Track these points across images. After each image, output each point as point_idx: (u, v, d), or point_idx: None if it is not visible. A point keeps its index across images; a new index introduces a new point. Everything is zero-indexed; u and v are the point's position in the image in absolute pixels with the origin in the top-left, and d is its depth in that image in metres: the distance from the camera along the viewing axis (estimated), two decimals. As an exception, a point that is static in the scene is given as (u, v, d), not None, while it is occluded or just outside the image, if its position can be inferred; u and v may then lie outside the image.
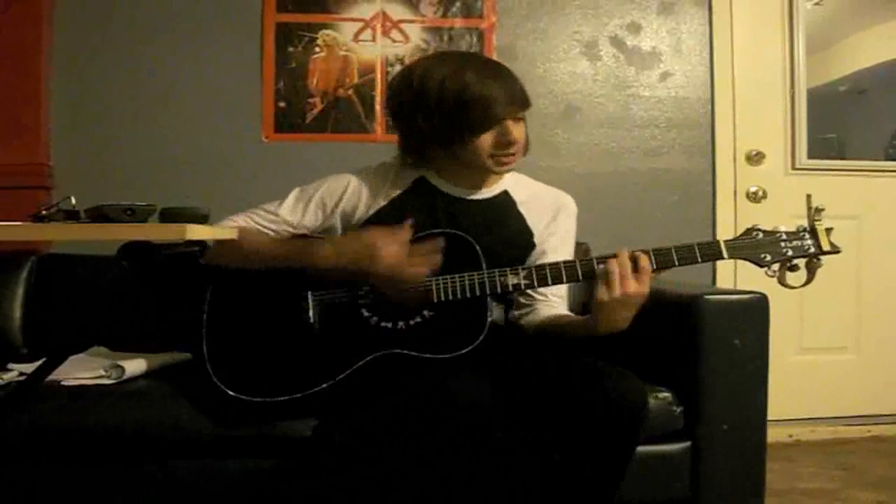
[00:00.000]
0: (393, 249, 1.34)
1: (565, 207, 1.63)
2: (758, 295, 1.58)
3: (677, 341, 1.59)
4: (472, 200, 1.56)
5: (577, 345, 1.45)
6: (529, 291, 1.56)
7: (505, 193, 1.59)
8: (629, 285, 1.30)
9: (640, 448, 1.34)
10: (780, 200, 2.63)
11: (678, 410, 1.55)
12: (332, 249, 1.39)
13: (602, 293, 1.30)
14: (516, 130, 1.46)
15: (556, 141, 2.55)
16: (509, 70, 1.52)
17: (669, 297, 1.63)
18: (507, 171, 1.53)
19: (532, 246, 1.57)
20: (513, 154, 1.47)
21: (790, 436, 2.63)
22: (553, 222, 1.60)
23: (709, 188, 2.63)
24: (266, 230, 1.53)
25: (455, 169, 1.54)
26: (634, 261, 1.32)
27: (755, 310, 1.57)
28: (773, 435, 2.26)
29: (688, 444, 1.56)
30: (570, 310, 1.63)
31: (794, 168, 2.69)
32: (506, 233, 1.55)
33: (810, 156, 2.69)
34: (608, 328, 1.35)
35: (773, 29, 2.69)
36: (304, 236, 1.53)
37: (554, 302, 1.57)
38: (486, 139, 1.45)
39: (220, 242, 1.47)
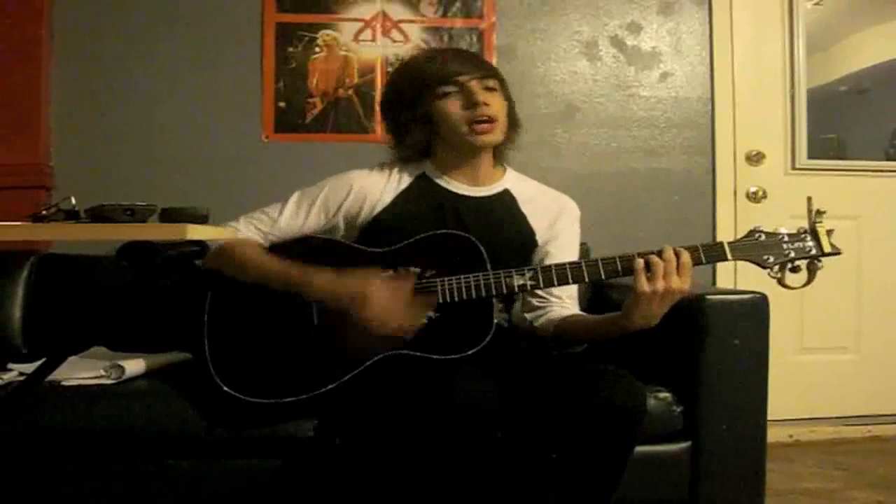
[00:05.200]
0: (383, 301, 1.33)
1: (568, 210, 1.63)
2: (758, 295, 1.59)
3: (677, 341, 1.59)
4: (474, 197, 1.56)
5: (594, 344, 1.45)
6: (543, 293, 1.55)
7: (506, 192, 1.59)
8: (673, 280, 1.31)
9: (640, 448, 1.34)
10: (780, 200, 2.63)
11: (678, 410, 1.55)
12: (328, 283, 1.37)
13: (644, 286, 1.31)
14: (483, 95, 1.47)
15: (556, 141, 2.55)
16: (475, 53, 1.59)
17: (669, 297, 1.62)
18: (488, 143, 1.50)
19: (534, 245, 1.57)
20: (486, 120, 1.47)
21: (790, 436, 2.62)
22: (556, 224, 1.60)
23: (709, 188, 2.63)
24: (266, 236, 1.53)
25: (451, 160, 1.55)
26: (677, 255, 1.33)
27: (755, 310, 1.57)
28: (773, 435, 2.25)
29: (688, 444, 1.56)
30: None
31: (794, 168, 2.69)
32: (507, 231, 1.54)
33: (810, 156, 2.69)
34: (642, 323, 1.36)
35: (773, 29, 2.69)
36: (306, 239, 1.53)
37: (567, 303, 1.57)
38: (453, 104, 1.47)
39: (219, 250, 1.47)
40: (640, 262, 1.33)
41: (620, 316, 1.39)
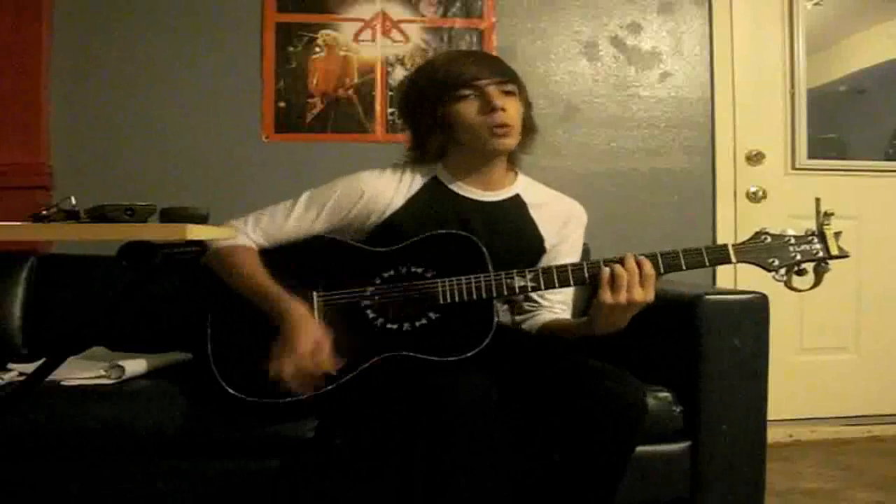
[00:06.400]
0: (297, 362, 1.32)
1: (576, 216, 1.63)
2: (758, 295, 1.59)
3: (677, 341, 1.59)
4: (484, 202, 1.55)
5: (576, 344, 1.45)
6: (535, 297, 1.56)
7: (517, 197, 1.58)
8: (635, 292, 1.30)
9: (640, 448, 1.34)
10: (780, 200, 2.63)
11: (678, 410, 1.55)
12: (289, 313, 1.36)
13: (606, 297, 1.31)
14: (501, 99, 1.46)
15: (556, 141, 2.55)
16: (497, 57, 1.63)
17: (670, 297, 1.62)
18: (505, 147, 1.50)
19: (542, 251, 1.57)
20: (505, 125, 1.46)
21: (790, 436, 2.62)
22: (564, 229, 1.59)
23: (709, 188, 2.63)
24: (272, 237, 1.52)
25: (465, 165, 1.54)
26: (640, 266, 1.32)
27: (755, 310, 1.57)
28: (773, 435, 2.26)
29: (688, 444, 1.56)
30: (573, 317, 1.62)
31: (794, 168, 2.69)
32: (516, 237, 1.54)
33: (810, 156, 2.69)
34: (606, 329, 1.36)
35: (773, 29, 2.69)
36: (311, 238, 1.53)
37: (557, 309, 1.57)
38: (470, 108, 1.46)
39: (216, 252, 1.47)
40: (606, 271, 1.31)
41: (587, 322, 1.40)
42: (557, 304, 1.57)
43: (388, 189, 1.53)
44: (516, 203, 1.58)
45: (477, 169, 1.54)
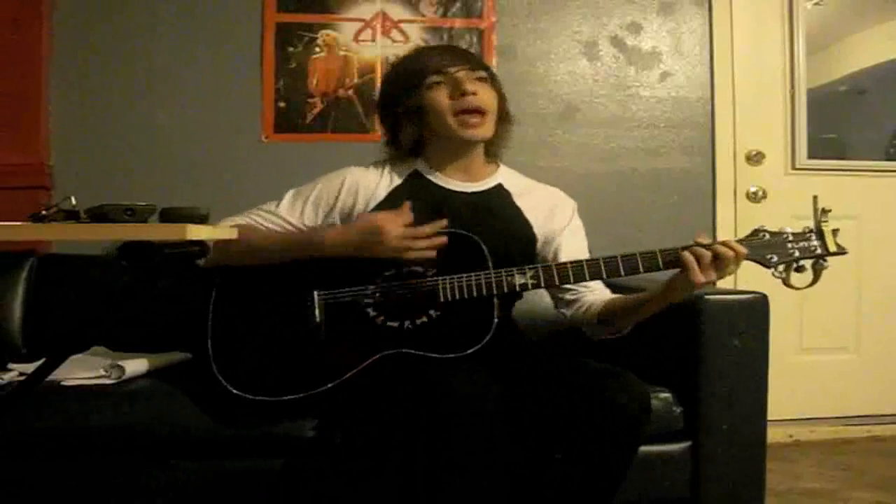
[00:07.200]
0: (398, 229, 1.35)
1: (562, 203, 1.63)
2: (758, 295, 1.59)
3: (677, 341, 1.59)
4: (467, 193, 1.56)
5: (578, 344, 1.45)
6: (572, 285, 1.53)
7: (500, 187, 1.59)
8: (729, 268, 1.32)
9: (641, 448, 1.34)
10: (780, 200, 2.63)
11: (678, 410, 1.55)
12: (338, 234, 1.41)
13: (698, 278, 1.30)
14: (472, 85, 1.47)
15: (555, 141, 2.55)
16: (468, 50, 1.68)
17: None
18: (478, 137, 1.50)
19: (533, 238, 1.56)
20: (475, 110, 1.47)
21: (790, 436, 2.62)
22: (553, 218, 1.59)
23: (709, 188, 2.63)
24: (266, 229, 1.52)
25: (444, 155, 1.55)
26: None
27: (755, 310, 1.58)
28: (773, 435, 2.26)
29: (688, 444, 1.56)
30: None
31: (794, 168, 2.69)
32: (504, 225, 1.54)
33: (810, 156, 2.69)
34: (679, 299, 1.40)
35: (773, 29, 2.69)
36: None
37: (596, 289, 1.55)
38: (441, 94, 1.48)
39: (221, 244, 1.47)
40: (689, 256, 1.31)
41: (666, 291, 1.39)
42: (596, 286, 1.55)
43: (370, 181, 1.55)
44: (500, 192, 1.58)
45: (455, 159, 1.55)
